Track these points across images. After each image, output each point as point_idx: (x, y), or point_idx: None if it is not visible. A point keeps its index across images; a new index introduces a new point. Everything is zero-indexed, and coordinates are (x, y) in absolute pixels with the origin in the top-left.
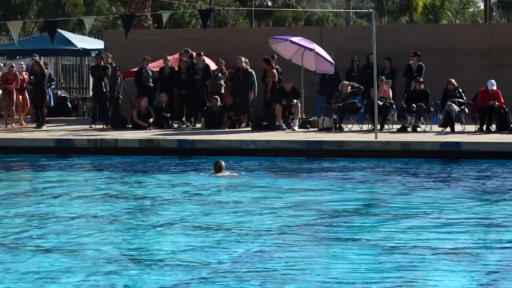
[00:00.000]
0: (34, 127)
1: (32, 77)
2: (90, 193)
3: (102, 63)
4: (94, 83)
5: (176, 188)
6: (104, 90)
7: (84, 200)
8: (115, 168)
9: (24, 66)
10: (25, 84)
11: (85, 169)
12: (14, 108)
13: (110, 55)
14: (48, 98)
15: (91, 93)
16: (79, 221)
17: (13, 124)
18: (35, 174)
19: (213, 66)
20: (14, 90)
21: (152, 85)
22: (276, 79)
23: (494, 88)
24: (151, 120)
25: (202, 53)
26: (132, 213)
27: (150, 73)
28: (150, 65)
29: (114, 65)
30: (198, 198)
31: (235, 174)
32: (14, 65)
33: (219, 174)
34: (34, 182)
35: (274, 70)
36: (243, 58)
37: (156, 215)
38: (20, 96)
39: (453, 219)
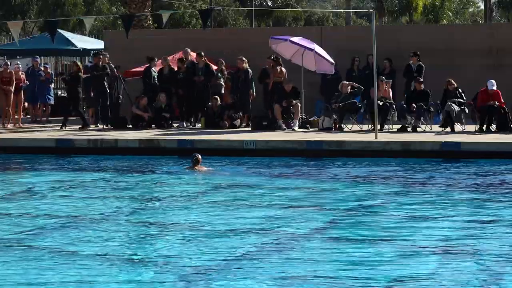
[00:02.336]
0: (80, 127)
1: (67, 77)
2: (90, 193)
3: (101, 63)
4: (94, 83)
5: (176, 188)
6: (104, 89)
7: (84, 200)
8: (115, 168)
9: (20, 66)
10: (21, 84)
11: (85, 169)
12: (10, 108)
13: (108, 55)
14: (48, 97)
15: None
16: (79, 221)
17: (9, 125)
18: (35, 174)
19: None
20: (12, 89)
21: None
22: (282, 78)
23: (494, 88)
24: (149, 114)
25: (202, 53)
26: (132, 213)
27: (156, 73)
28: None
29: (111, 64)
30: (198, 198)
31: (211, 169)
32: (8, 62)
33: (196, 168)
34: (34, 182)
35: (283, 68)
36: (243, 58)
37: (156, 215)
38: (16, 97)
39: (453, 219)
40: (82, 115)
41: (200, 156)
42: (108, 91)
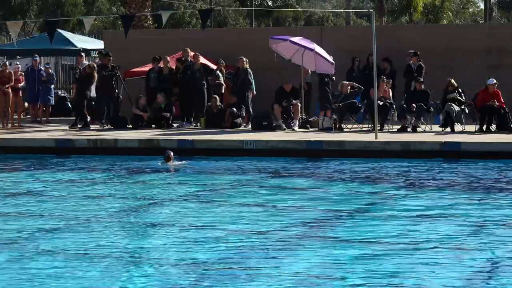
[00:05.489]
0: (80, 127)
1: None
2: (89, 193)
3: (110, 64)
4: (104, 83)
5: (176, 187)
6: (115, 90)
7: (84, 200)
8: (115, 168)
9: (19, 66)
10: (19, 85)
11: (84, 169)
12: (9, 108)
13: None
14: (48, 98)
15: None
16: (79, 221)
17: (8, 124)
18: (35, 174)
19: (212, 66)
20: (10, 89)
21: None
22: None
23: (494, 82)
24: (148, 114)
25: (198, 54)
26: (131, 213)
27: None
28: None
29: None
30: (198, 198)
31: (182, 162)
32: (7, 63)
33: (169, 163)
34: (34, 182)
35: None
36: (244, 58)
37: (156, 215)
38: (14, 97)
39: (452, 219)
40: (85, 115)
41: (172, 154)
42: (117, 91)
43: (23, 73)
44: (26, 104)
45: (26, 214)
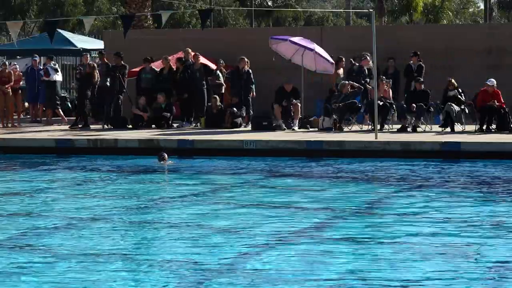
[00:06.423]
0: (80, 127)
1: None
2: (89, 193)
3: (122, 63)
4: (112, 84)
5: (175, 187)
6: (121, 90)
7: (84, 200)
8: (115, 168)
9: (17, 67)
10: (18, 85)
11: (85, 169)
12: (9, 108)
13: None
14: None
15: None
16: (79, 221)
17: (8, 124)
18: (35, 174)
19: (212, 66)
20: (10, 89)
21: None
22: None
23: (494, 84)
24: (148, 114)
25: (198, 54)
26: (131, 213)
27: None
28: (151, 65)
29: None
30: (197, 198)
31: (171, 162)
32: (6, 63)
33: (162, 162)
34: (34, 182)
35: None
36: (245, 59)
37: (156, 215)
38: (13, 97)
39: (453, 219)
40: (85, 115)
41: (166, 155)
42: (125, 91)
43: (21, 73)
44: (26, 104)
45: (25, 214)
